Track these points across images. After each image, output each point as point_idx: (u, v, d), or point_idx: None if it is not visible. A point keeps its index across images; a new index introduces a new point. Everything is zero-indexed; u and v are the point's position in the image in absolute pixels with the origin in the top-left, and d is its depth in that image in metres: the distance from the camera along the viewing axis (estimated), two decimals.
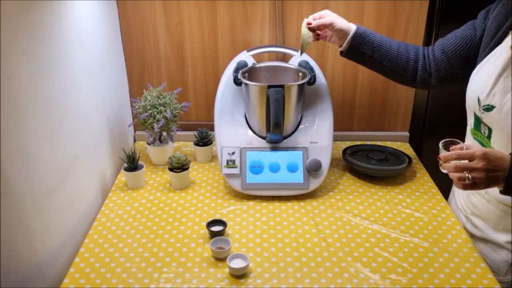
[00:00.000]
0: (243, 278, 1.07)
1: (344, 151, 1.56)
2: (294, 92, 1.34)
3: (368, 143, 1.68)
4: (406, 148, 1.69)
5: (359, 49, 1.27)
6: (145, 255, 1.14)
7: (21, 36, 0.93)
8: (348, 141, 1.71)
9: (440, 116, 1.87)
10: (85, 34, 1.28)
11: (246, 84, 1.35)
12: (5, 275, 0.89)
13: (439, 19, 1.60)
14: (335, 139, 1.43)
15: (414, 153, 1.66)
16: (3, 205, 0.88)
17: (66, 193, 1.15)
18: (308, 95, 1.43)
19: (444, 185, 1.47)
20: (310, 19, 1.27)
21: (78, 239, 1.22)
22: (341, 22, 1.25)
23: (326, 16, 1.26)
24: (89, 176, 1.31)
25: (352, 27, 1.25)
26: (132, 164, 1.42)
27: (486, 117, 1.05)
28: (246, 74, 1.41)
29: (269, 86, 1.30)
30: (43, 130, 1.03)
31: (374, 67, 1.30)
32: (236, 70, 1.40)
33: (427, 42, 1.63)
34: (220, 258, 1.12)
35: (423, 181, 1.47)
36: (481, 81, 1.07)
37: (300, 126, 1.43)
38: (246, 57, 1.47)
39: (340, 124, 1.73)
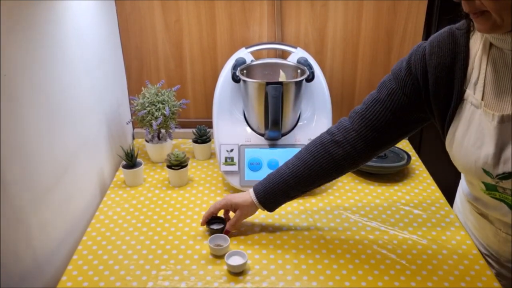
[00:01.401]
0: (241, 275, 1.06)
1: None
2: (292, 89, 1.34)
3: None
4: (405, 145, 1.69)
5: (271, 204, 1.16)
6: (143, 253, 1.14)
7: (19, 34, 0.93)
8: None
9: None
10: (83, 31, 1.27)
11: (244, 81, 1.35)
12: (3, 272, 0.89)
13: (438, 17, 1.60)
14: None
15: (413, 150, 1.66)
16: (1, 203, 0.88)
17: (65, 191, 1.15)
18: (306, 92, 1.43)
19: (444, 183, 1.47)
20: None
21: (76, 237, 1.21)
22: (238, 197, 1.16)
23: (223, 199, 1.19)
24: (87, 174, 1.31)
25: (252, 194, 1.15)
26: (131, 161, 1.41)
27: (506, 184, 0.92)
28: (245, 71, 1.41)
29: (268, 83, 1.30)
30: (41, 128, 1.02)
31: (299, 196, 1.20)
32: (235, 67, 1.40)
33: (426, 39, 1.62)
34: (218, 256, 1.12)
35: (422, 178, 1.47)
36: (472, 152, 0.93)
37: (299, 123, 1.43)
38: (245, 54, 1.47)
39: None
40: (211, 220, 1.21)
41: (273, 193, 1.14)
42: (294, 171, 1.11)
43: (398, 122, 1.04)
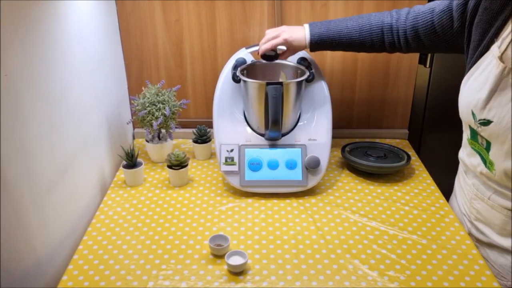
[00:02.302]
0: (242, 275, 1.07)
1: (343, 148, 1.57)
2: (292, 89, 1.34)
3: (367, 140, 1.68)
4: (405, 145, 1.69)
5: (319, 49, 1.33)
6: (144, 252, 1.14)
7: (19, 34, 0.93)
8: (347, 138, 1.71)
9: (439, 113, 1.87)
10: (83, 31, 1.27)
11: (244, 81, 1.35)
12: (4, 272, 0.90)
13: None
14: (334, 136, 1.43)
15: (413, 150, 1.67)
16: (2, 203, 0.88)
17: (65, 190, 1.16)
18: (306, 92, 1.43)
19: (444, 183, 1.48)
20: (264, 44, 1.32)
21: (77, 236, 1.22)
22: (295, 36, 1.29)
23: (280, 33, 1.30)
24: (87, 174, 1.31)
25: (306, 37, 1.29)
26: (131, 161, 1.42)
27: (483, 131, 1.04)
28: (245, 71, 1.41)
29: (268, 83, 1.30)
30: (41, 128, 1.03)
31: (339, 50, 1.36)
32: (235, 67, 1.40)
33: None
34: (218, 255, 1.12)
35: (422, 178, 1.47)
36: (472, 94, 1.05)
37: (299, 123, 1.43)
38: (245, 54, 1.47)
39: (339, 122, 1.73)
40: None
41: (325, 42, 1.28)
42: (350, 33, 1.26)
43: (438, 38, 1.16)
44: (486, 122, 1.02)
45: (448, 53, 1.23)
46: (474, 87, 1.04)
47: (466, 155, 1.17)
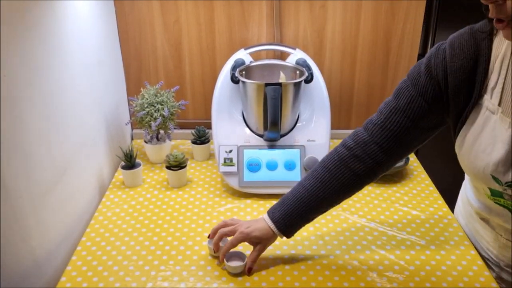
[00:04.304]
0: (241, 276, 1.07)
1: None
2: (291, 90, 1.34)
3: None
4: None
5: (292, 230, 1.08)
6: (142, 253, 1.14)
7: (17, 35, 0.93)
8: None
9: None
10: (82, 32, 1.27)
11: (243, 82, 1.35)
12: (2, 273, 0.89)
13: (437, 18, 1.61)
14: (333, 137, 1.44)
15: None
16: (0, 204, 0.88)
17: (64, 191, 1.15)
18: (305, 93, 1.43)
19: (443, 183, 1.48)
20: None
21: (76, 237, 1.21)
22: (255, 226, 1.07)
23: (235, 229, 1.08)
24: (86, 174, 1.31)
25: (268, 223, 1.06)
26: (130, 162, 1.42)
27: None
28: (244, 72, 1.41)
29: (267, 84, 1.30)
30: (40, 129, 1.03)
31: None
32: (234, 68, 1.40)
33: (425, 40, 1.63)
34: (217, 257, 1.12)
35: (420, 179, 1.47)
36: (483, 159, 0.91)
37: (298, 124, 1.43)
38: (244, 55, 1.47)
39: (338, 122, 1.73)
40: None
41: (293, 219, 1.05)
42: (313, 192, 1.03)
43: (418, 129, 1.00)
44: None
45: (429, 138, 1.04)
46: (480, 150, 0.92)
47: (486, 208, 1.05)
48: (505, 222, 1.01)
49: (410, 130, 0.99)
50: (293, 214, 1.05)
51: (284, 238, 1.08)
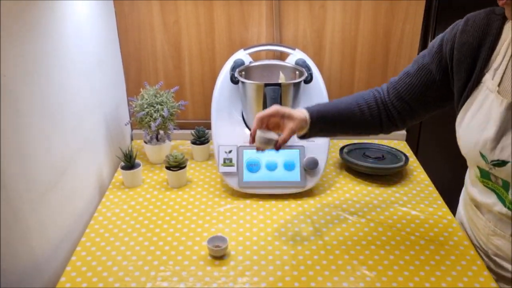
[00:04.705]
0: (241, 276, 1.07)
1: (341, 149, 1.57)
2: (291, 90, 1.34)
3: (365, 141, 1.68)
4: (403, 146, 1.70)
5: (316, 133, 1.14)
6: (142, 254, 1.14)
7: (17, 35, 0.93)
8: (345, 139, 1.72)
9: (437, 114, 1.87)
10: (82, 32, 1.27)
11: (243, 82, 1.35)
12: (2, 273, 0.89)
13: (436, 18, 1.61)
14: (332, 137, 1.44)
15: (411, 151, 1.67)
16: (0, 204, 0.88)
17: (63, 192, 1.15)
18: (305, 93, 1.43)
19: (442, 184, 1.48)
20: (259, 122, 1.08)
21: (75, 238, 1.22)
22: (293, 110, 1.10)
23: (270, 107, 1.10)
24: (86, 175, 1.31)
25: (306, 115, 1.09)
26: (129, 162, 1.42)
27: (499, 172, 0.95)
28: (243, 73, 1.41)
29: (266, 85, 1.30)
30: (39, 129, 1.03)
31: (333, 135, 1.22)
32: (233, 69, 1.40)
33: (424, 40, 1.63)
34: (216, 256, 1.12)
35: (420, 180, 1.47)
36: (475, 135, 0.96)
37: None
38: (243, 55, 1.47)
39: None
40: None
41: (325, 119, 1.10)
42: (347, 108, 1.11)
43: (426, 97, 1.06)
44: (501, 163, 0.93)
45: (448, 107, 1.10)
46: (475, 127, 0.96)
47: (478, 192, 1.07)
48: (492, 206, 1.03)
49: (418, 95, 1.07)
50: (327, 114, 1.10)
51: (305, 132, 1.10)
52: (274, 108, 1.06)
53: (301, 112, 1.08)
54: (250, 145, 1.08)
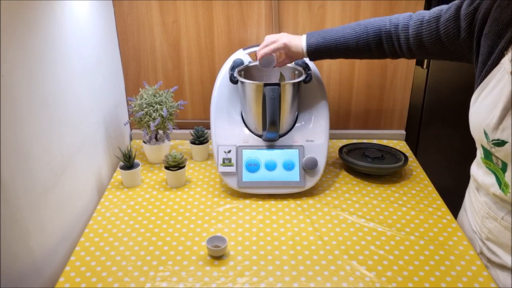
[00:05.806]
0: (240, 276, 1.07)
1: (341, 149, 1.57)
2: (290, 90, 1.34)
3: (365, 141, 1.68)
4: (402, 146, 1.70)
5: (318, 59, 1.31)
6: (141, 254, 1.14)
7: (16, 35, 0.93)
8: (345, 139, 1.72)
9: (436, 114, 1.88)
10: (81, 32, 1.27)
11: (242, 82, 1.35)
12: (1, 273, 0.89)
13: None
14: (331, 137, 1.44)
15: (410, 151, 1.67)
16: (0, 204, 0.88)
17: (62, 191, 1.15)
18: (304, 93, 1.43)
19: (441, 184, 1.48)
20: (263, 48, 1.30)
21: (74, 238, 1.21)
22: (294, 42, 1.28)
23: (279, 38, 1.29)
24: (85, 175, 1.31)
25: (303, 46, 1.27)
26: (128, 162, 1.41)
27: (498, 152, 0.97)
28: (242, 72, 1.41)
29: (265, 84, 1.30)
30: (38, 129, 1.02)
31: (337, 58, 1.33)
32: (232, 68, 1.40)
33: None
34: (216, 257, 1.12)
35: (419, 179, 1.47)
36: (484, 112, 0.98)
37: (296, 125, 1.43)
38: (242, 55, 1.47)
39: (336, 123, 1.73)
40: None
41: (321, 52, 1.27)
42: (347, 44, 1.23)
43: (444, 47, 1.11)
44: (500, 143, 0.95)
45: (454, 61, 1.15)
46: (486, 105, 0.98)
47: (482, 173, 1.08)
48: (490, 187, 1.04)
49: (436, 41, 1.11)
50: (324, 48, 1.25)
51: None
52: (282, 43, 1.27)
53: (300, 47, 1.27)
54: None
